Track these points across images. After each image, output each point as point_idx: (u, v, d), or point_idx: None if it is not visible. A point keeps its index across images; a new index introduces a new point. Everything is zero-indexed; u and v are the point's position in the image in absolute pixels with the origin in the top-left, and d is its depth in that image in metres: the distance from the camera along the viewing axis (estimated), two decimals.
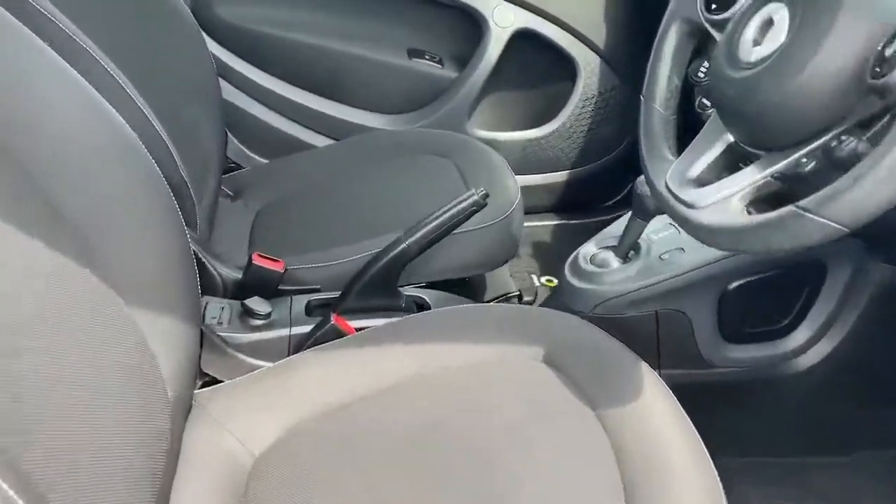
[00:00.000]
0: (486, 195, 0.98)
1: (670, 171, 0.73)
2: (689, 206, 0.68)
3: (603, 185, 1.67)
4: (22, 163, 0.63)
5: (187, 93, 1.21)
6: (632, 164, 1.64)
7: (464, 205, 0.97)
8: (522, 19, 1.49)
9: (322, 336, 0.94)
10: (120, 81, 0.91)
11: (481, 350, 0.85)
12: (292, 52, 1.45)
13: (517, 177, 1.59)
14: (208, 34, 1.41)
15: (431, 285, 1.10)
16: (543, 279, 1.47)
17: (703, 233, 0.66)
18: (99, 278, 0.68)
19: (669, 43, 0.79)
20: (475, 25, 1.49)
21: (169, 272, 0.79)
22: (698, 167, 0.71)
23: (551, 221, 1.66)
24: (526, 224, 1.61)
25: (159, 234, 0.79)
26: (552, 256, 1.56)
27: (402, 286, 1.04)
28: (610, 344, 0.84)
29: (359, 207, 1.20)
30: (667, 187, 0.72)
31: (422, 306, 1.05)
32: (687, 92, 0.83)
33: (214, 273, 1.04)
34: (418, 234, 0.97)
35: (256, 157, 1.48)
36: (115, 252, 0.72)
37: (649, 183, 0.77)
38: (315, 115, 1.49)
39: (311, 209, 1.24)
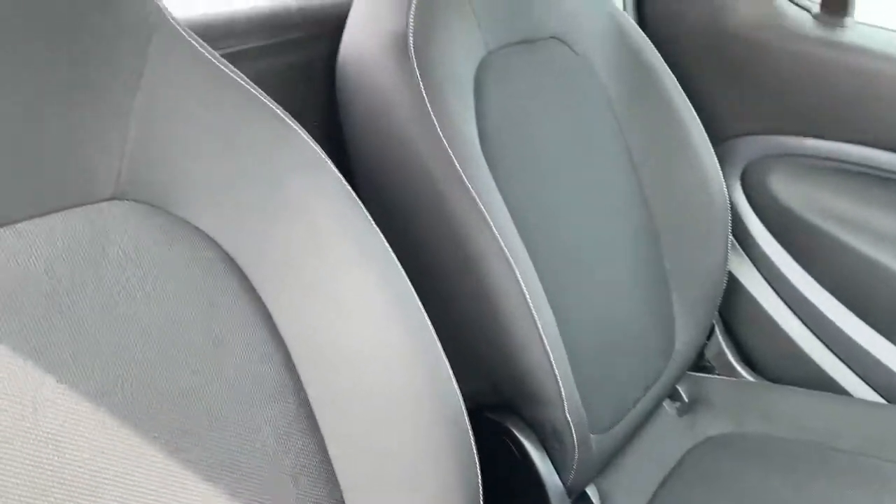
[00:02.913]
0: None
1: None
2: None
3: None
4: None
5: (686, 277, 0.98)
6: None
7: None
8: None
9: None
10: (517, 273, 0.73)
11: None
12: (851, 262, 1.03)
13: None
14: (754, 209, 1.11)
15: None
16: None
17: None
18: None
19: None
20: None
21: None
22: None
23: None
24: None
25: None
26: None
27: None
28: None
29: None
30: None
31: None
32: None
33: None
34: None
35: (743, 373, 1.12)
36: None
37: None
38: (855, 350, 1.05)
39: (739, 486, 0.87)
